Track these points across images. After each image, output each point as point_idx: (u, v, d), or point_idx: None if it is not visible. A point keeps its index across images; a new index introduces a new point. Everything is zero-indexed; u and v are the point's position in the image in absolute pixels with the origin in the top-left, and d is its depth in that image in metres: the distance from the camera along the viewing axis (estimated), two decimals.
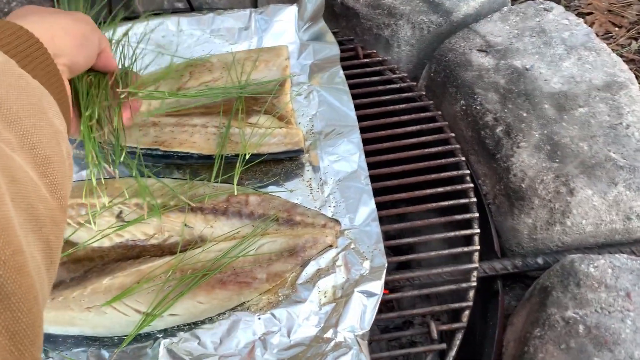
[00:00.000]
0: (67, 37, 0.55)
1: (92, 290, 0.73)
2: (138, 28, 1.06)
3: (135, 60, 0.86)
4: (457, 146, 0.92)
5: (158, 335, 0.73)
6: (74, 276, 0.77)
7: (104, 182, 0.84)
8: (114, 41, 0.88)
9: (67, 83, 0.55)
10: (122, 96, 0.72)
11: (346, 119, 0.93)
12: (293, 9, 1.09)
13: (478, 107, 0.93)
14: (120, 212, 0.81)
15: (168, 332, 0.73)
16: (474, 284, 0.77)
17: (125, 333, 0.72)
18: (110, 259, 0.79)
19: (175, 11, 1.15)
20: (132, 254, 0.80)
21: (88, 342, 0.73)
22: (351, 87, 0.98)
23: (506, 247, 0.88)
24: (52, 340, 0.72)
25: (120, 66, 0.84)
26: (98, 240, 0.79)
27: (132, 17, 1.12)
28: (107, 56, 0.67)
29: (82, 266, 0.79)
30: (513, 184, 0.85)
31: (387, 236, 0.81)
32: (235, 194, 0.82)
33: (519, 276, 0.88)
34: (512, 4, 1.12)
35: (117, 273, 0.75)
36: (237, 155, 0.86)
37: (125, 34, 0.88)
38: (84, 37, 0.58)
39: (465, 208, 0.85)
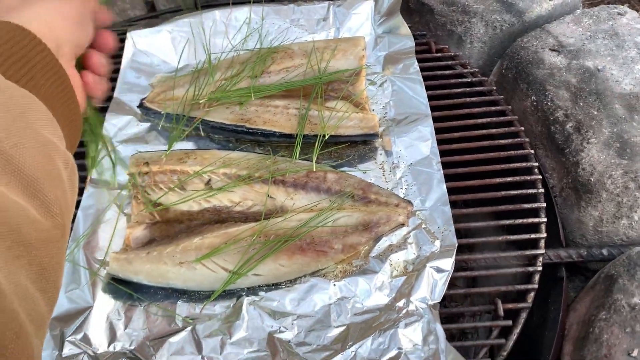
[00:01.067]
0: (66, 22, 0.52)
1: (183, 248, 0.79)
2: (226, 17, 1.13)
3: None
4: (526, 139, 0.95)
5: (242, 292, 0.79)
6: (165, 235, 0.85)
7: (195, 153, 0.91)
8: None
9: (73, 70, 0.53)
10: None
11: (419, 108, 0.98)
12: (370, 2, 1.14)
13: (549, 104, 0.96)
14: (209, 180, 0.87)
15: (251, 291, 0.79)
16: (540, 268, 0.80)
17: (213, 288, 0.78)
18: (198, 222, 0.86)
19: (257, 1, 1.21)
20: (218, 219, 0.86)
21: (177, 295, 0.79)
22: (423, 79, 1.02)
23: (570, 239, 0.91)
24: (144, 292, 0.79)
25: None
26: (186, 202, 0.85)
27: (217, 4, 1.20)
28: (98, 14, 0.59)
29: (172, 227, 0.86)
30: (581, 177, 0.88)
31: (455, 220, 0.84)
32: (314, 170, 0.88)
33: (580, 268, 0.91)
34: (584, 8, 1.14)
35: (206, 234, 0.81)
36: (315, 136, 0.92)
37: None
38: (81, 15, 0.54)
39: (532, 198, 0.88)
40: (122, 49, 1.10)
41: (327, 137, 0.91)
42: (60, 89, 0.49)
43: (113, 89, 1.04)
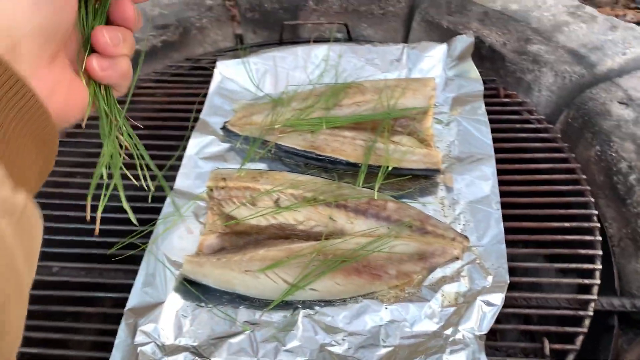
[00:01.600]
0: (9, 4, 0.38)
1: (250, 258, 0.86)
2: (307, 53, 1.23)
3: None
4: (587, 188, 0.96)
5: (298, 305, 0.85)
6: (235, 245, 0.92)
7: (267, 173, 0.99)
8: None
9: (46, 71, 0.42)
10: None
11: (483, 148, 1.01)
12: (443, 47, 1.20)
13: (613, 154, 0.97)
14: (278, 199, 0.95)
15: (306, 304, 0.84)
16: (591, 313, 0.81)
17: (272, 297, 0.84)
18: (264, 236, 0.93)
19: (336, 40, 1.30)
20: (283, 234, 0.93)
21: (240, 301, 0.86)
22: (490, 122, 1.06)
23: (626, 290, 0.91)
24: (211, 295, 0.86)
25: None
26: (256, 217, 0.93)
27: (299, 41, 1.30)
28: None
29: (242, 238, 0.93)
30: None
31: (510, 258, 0.87)
32: (375, 198, 0.93)
33: (634, 321, 0.90)
34: None
35: (271, 247, 0.88)
36: (379, 167, 0.97)
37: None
38: None
39: (589, 244, 0.89)
40: (211, 75, 1.22)
41: (390, 168, 0.96)
42: (17, 105, 0.37)
43: (199, 110, 1.15)
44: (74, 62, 0.47)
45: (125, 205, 0.58)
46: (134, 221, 0.65)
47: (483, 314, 0.79)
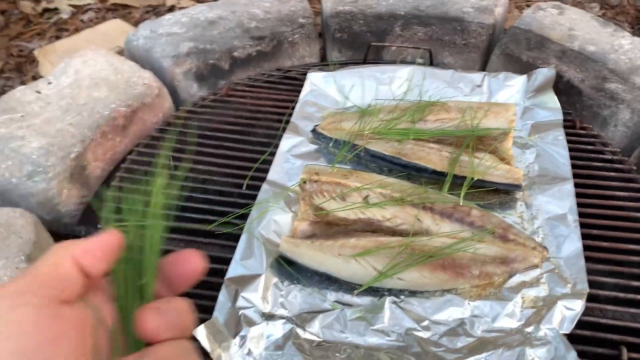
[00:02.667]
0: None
1: (341, 244, 0.93)
2: (394, 72, 1.31)
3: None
4: None
5: (385, 292, 0.90)
6: (325, 233, 0.98)
7: (357, 172, 1.06)
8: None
9: None
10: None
11: (561, 170, 1.07)
12: (523, 78, 1.27)
13: None
14: (367, 196, 1.01)
15: (392, 292, 0.90)
16: None
17: (361, 282, 0.90)
18: (352, 229, 1.00)
19: (419, 63, 1.38)
20: (369, 229, 0.99)
21: (329, 283, 0.92)
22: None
23: None
24: (303, 274, 0.92)
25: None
26: (345, 210, 0.99)
27: (381, 60, 1.39)
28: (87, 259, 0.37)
29: (331, 228, 1.00)
30: None
31: (588, 272, 0.91)
32: (461, 204, 0.99)
33: None
34: None
35: (361, 237, 0.94)
36: (463, 177, 1.04)
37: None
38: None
39: None
40: (300, 85, 1.31)
41: (475, 179, 1.02)
42: None
43: (291, 114, 1.24)
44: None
45: None
46: None
47: (564, 317, 0.83)
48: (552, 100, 1.22)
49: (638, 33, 2.45)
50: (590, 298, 0.90)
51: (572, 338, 0.94)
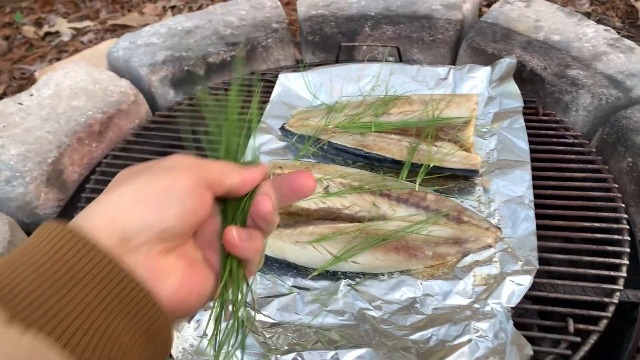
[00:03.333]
0: (136, 207, 0.41)
1: (300, 232, 0.96)
2: (360, 69, 1.35)
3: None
4: (619, 195, 1.02)
5: (341, 276, 0.93)
6: (286, 223, 1.02)
7: (320, 165, 1.09)
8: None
9: (156, 261, 0.41)
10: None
11: (520, 155, 1.09)
12: (487, 69, 1.30)
13: None
14: (327, 186, 1.05)
15: (348, 275, 0.93)
16: (615, 300, 0.86)
17: (318, 267, 0.93)
18: (313, 217, 1.03)
19: (387, 61, 1.42)
20: (330, 217, 1.02)
21: (288, 269, 0.95)
22: (528, 136, 1.14)
23: None
24: (265, 263, 0.95)
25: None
26: (306, 201, 1.03)
27: (353, 60, 1.43)
28: (233, 178, 0.47)
29: (292, 218, 1.03)
30: None
31: (540, 251, 0.93)
32: (417, 189, 1.02)
33: None
34: None
35: (319, 225, 0.98)
36: (421, 165, 1.07)
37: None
38: (164, 194, 0.42)
39: (617, 243, 0.94)
40: (273, 86, 1.35)
41: (431, 166, 1.05)
42: (121, 295, 0.38)
43: (262, 114, 1.28)
44: (203, 245, 0.47)
45: None
46: None
47: (512, 292, 0.86)
48: (513, 88, 1.24)
49: (629, 28, 2.46)
50: (543, 274, 0.92)
51: (522, 312, 0.96)
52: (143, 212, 0.40)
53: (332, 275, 0.93)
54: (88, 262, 0.37)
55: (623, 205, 1.00)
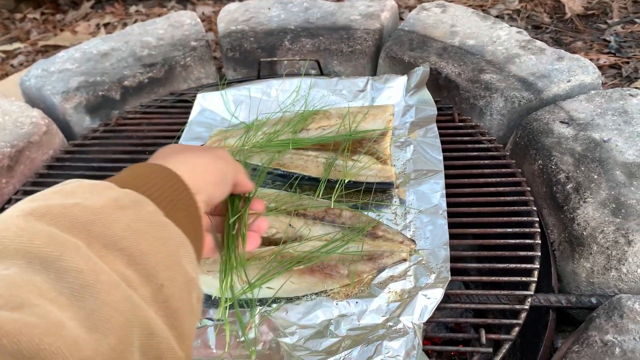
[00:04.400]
0: (207, 176, 0.59)
1: (213, 260, 0.94)
2: (279, 85, 1.34)
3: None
4: (531, 198, 1.04)
5: (256, 303, 0.91)
6: None
7: None
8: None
9: (205, 217, 0.58)
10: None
11: (435, 165, 1.10)
12: (403, 78, 1.31)
13: (553, 167, 1.06)
14: None
15: (264, 302, 0.91)
16: (527, 307, 0.87)
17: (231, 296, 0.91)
18: None
19: (308, 74, 1.41)
20: None
21: (204, 300, 0.93)
22: (444, 143, 1.15)
23: (566, 290, 0.96)
24: None
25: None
26: None
27: (275, 76, 1.41)
28: (242, 183, 0.70)
29: None
30: (576, 231, 0.96)
31: (454, 260, 0.93)
32: (332, 207, 1.01)
33: (574, 322, 0.96)
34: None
35: None
36: (338, 181, 1.06)
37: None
38: (222, 175, 0.62)
39: (529, 247, 0.96)
40: (192, 107, 1.33)
41: (347, 181, 1.05)
42: (195, 232, 0.53)
43: (179, 137, 1.25)
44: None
45: None
46: None
47: (424, 307, 0.85)
48: (428, 97, 1.25)
49: (556, 23, 2.53)
50: (459, 284, 0.92)
51: (436, 327, 0.97)
52: (208, 182, 0.59)
53: (247, 304, 0.92)
54: (187, 201, 0.54)
55: (535, 208, 1.02)
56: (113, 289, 0.37)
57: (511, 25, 1.45)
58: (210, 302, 0.92)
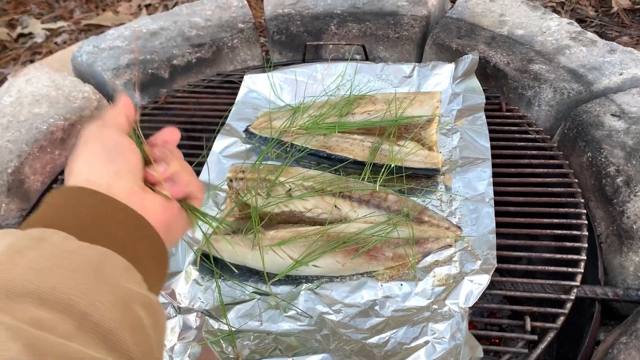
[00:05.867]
0: (98, 162, 0.54)
1: (260, 237, 0.96)
2: (325, 69, 1.35)
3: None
4: (579, 190, 1.03)
5: (302, 280, 0.93)
6: (247, 227, 1.02)
7: (281, 167, 1.09)
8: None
9: (142, 195, 0.55)
10: None
11: (482, 153, 1.10)
12: (451, 65, 1.30)
13: (603, 160, 1.04)
14: (290, 189, 1.04)
15: (309, 279, 0.93)
16: (572, 297, 0.87)
17: (279, 271, 0.93)
18: (276, 221, 1.03)
19: (353, 59, 1.41)
20: (292, 220, 1.02)
21: (249, 275, 0.95)
22: (491, 132, 1.14)
23: (611, 283, 0.96)
24: (224, 269, 0.95)
25: None
26: (269, 205, 1.03)
27: (320, 60, 1.42)
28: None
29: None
30: (625, 225, 0.95)
31: (501, 249, 0.93)
32: (377, 190, 1.02)
33: (619, 317, 0.95)
34: None
35: (280, 229, 0.97)
36: (383, 165, 1.07)
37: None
38: (113, 146, 0.56)
39: (576, 239, 0.95)
40: (239, 88, 1.35)
41: (392, 166, 1.05)
42: (134, 228, 0.51)
43: (227, 117, 1.27)
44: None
45: None
46: None
47: (470, 292, 0.86)
48: (476, 85, 1.25)
49: (602, 17, 2.47)
50: (503, 272, 0.92)
51: (481, 312, 0.97)
52: (104, 165, 0.54)
53: (294, 280, 0.94)
54: (106, 207, 0.51)
55: (582, 200, 1.01)
56: (10, 342, 0.33)
57: None
58: (257, 276, 0.95)
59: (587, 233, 0.96)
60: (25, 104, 1.29)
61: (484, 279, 0.87)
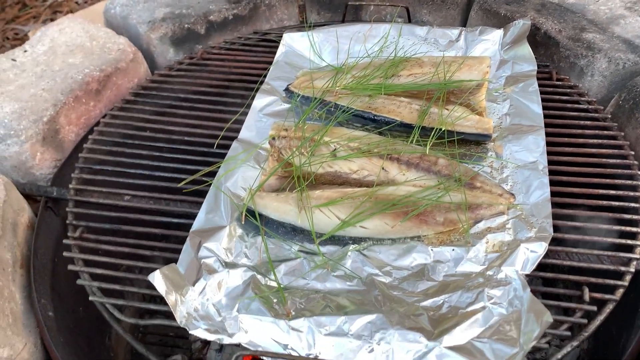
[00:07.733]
0: None
1: (306, 195, 0.93)
2: (367, 30, 1.30)
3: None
4: (635, 162, 0.99)
5: (349, 240, 0.90)
6: (292, 187, 0.98)
7: (325, 127, 1.05)
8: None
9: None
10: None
11: (533, 120, 1.06)
12: (500, 31, 1.25)
13: None
14: (335, 149, 1.01)
15: (356, 240, 0.90)
16: (632, 270, 0.84)
17: (324, 231, 0.90)
18: (320, 182, 1.00)
19: (396, 22, 1.37)
20: (337, 182, 0.99)
21: (294, 233, 0.92)
22: (542, 101, 1.10)
23: None
24: (269, 226, 0.92)
25: None
26: (313, 165, 0.99)
27: (360, 21, 1.38)
28: None
29: (299, 183, 1.00)
30: None
31: (555, 218, 0.89)
32: (427, 153, 0.98)
33: None
34: None
35: (326, 189, 0.94)
36: (432, 129, 1.03)
37: None
38: None
39: (633, 211, 0.92)
40: (277, 47, 1.30)
41: (443, 129, 1.01)
42: None
43: (266, 75, 1.23)
44: None
45: None
46: None
47: (526, 259, 0.83)
48: (527, 52, 1.20)
49: None
50: (558, 242, 0.89)
51: (536, 280, 0.94)
52: None
53: (340, 241, 0.91)
54: None
55: (639, 172, 0.97)
56: None
57: None
58: (302, 235, 0.92)
59: None
60: (59, 54, 1.25)
61: (541, 247, 0.84)
